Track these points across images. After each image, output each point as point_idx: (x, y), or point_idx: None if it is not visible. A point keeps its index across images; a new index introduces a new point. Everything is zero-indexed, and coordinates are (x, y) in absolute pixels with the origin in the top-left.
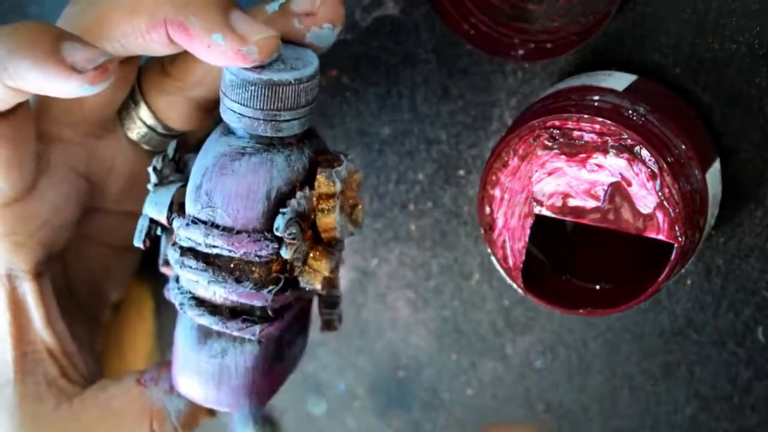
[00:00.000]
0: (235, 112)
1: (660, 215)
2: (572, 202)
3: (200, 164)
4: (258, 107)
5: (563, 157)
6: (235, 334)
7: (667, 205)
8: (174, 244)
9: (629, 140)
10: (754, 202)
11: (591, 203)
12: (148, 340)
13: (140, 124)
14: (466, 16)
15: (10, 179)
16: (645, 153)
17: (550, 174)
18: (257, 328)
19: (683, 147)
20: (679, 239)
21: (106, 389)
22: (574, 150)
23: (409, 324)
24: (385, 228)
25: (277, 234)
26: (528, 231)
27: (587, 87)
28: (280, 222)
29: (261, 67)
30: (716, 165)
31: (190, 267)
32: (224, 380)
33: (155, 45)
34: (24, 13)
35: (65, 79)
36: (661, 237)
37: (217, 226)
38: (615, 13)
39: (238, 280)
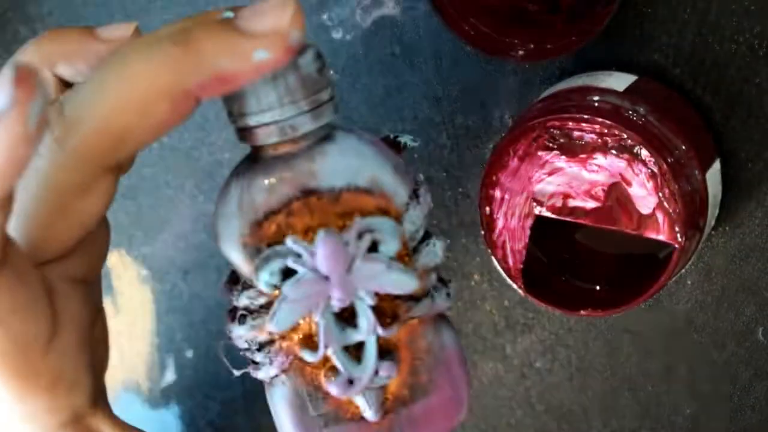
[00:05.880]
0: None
1: (660, 215)
2: (572, 203)
3: None
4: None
5: (563, 157)
6: None
7: (667, 206)
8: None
9: (629, 140)
10: (755, 202)
11: (591, 203)
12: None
13: None
14: (466, 16)
15: (32, 324)
16: (645, 153)
17: (550, 174)
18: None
19: (683, 147)
20: (679, 239)
21: None
22: (574, 150)
23: None
24: None
25: None
26: (528, 231)
27: (587, 87)
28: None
29: None
30: (716, 165)
31: None
32: None
33: (180, 118)
34: (24, 12)
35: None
36: (661, 237)
37: None
38: (615, 13)
39: None
